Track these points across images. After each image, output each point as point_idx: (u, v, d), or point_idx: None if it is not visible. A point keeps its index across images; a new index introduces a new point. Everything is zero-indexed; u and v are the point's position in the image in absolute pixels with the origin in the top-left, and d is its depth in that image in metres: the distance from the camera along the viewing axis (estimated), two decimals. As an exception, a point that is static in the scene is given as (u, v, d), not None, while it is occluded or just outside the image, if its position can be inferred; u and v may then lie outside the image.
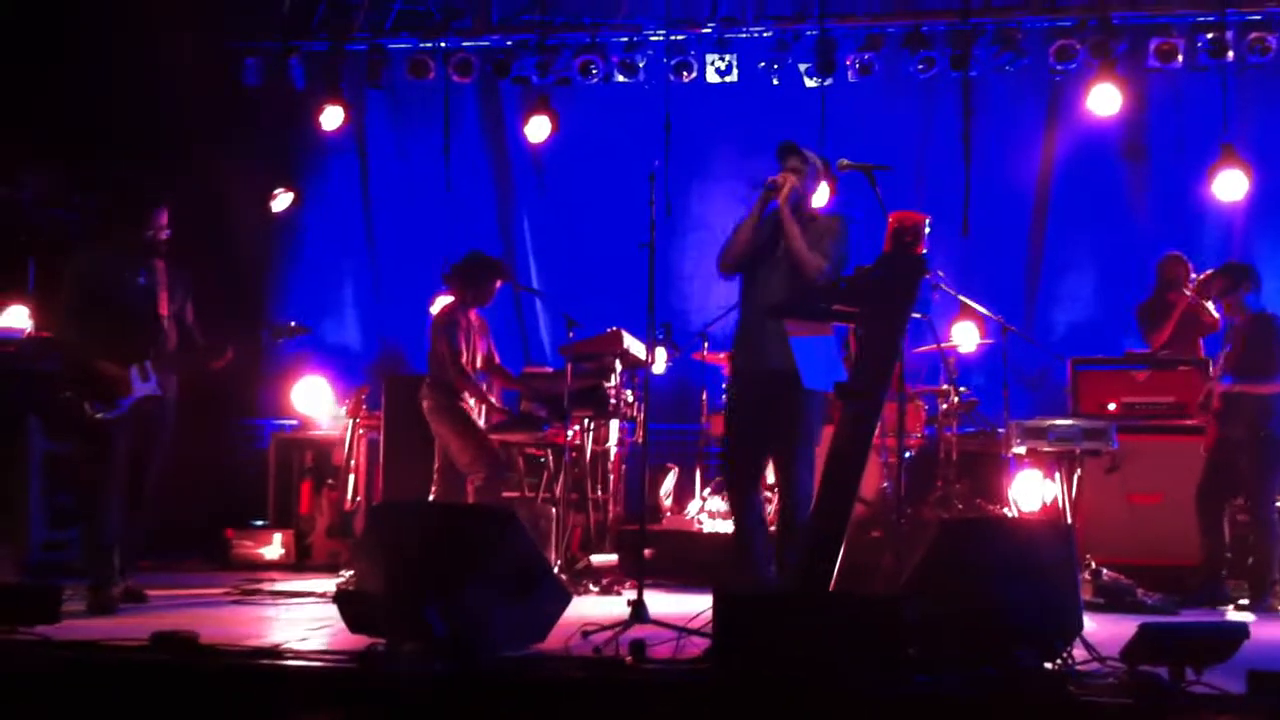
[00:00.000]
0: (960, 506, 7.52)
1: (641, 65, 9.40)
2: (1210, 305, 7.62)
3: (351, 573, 5.93)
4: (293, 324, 6.64)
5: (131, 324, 5.94)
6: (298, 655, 4.49)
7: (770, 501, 6.64)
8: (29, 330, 7.05)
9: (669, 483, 8.50)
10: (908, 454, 7.49)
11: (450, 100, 9.83)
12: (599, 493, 7.94)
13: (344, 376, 9.32)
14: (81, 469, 5.98)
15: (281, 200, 9.31)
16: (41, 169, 7.41)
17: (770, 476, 5.86)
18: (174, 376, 6.06)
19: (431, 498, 6.92)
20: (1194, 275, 7.84)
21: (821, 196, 5.78)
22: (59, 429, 6.74)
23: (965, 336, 7.98)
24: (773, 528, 5.60)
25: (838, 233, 5.49)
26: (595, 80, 9.44)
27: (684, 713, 3.94)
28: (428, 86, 9.75)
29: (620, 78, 9.46)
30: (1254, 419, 6.75)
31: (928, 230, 5.30)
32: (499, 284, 7.15)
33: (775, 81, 9.38)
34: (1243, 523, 6.90)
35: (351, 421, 8.13)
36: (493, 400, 7.22)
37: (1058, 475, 6.89)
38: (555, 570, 4.93)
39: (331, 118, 9.49)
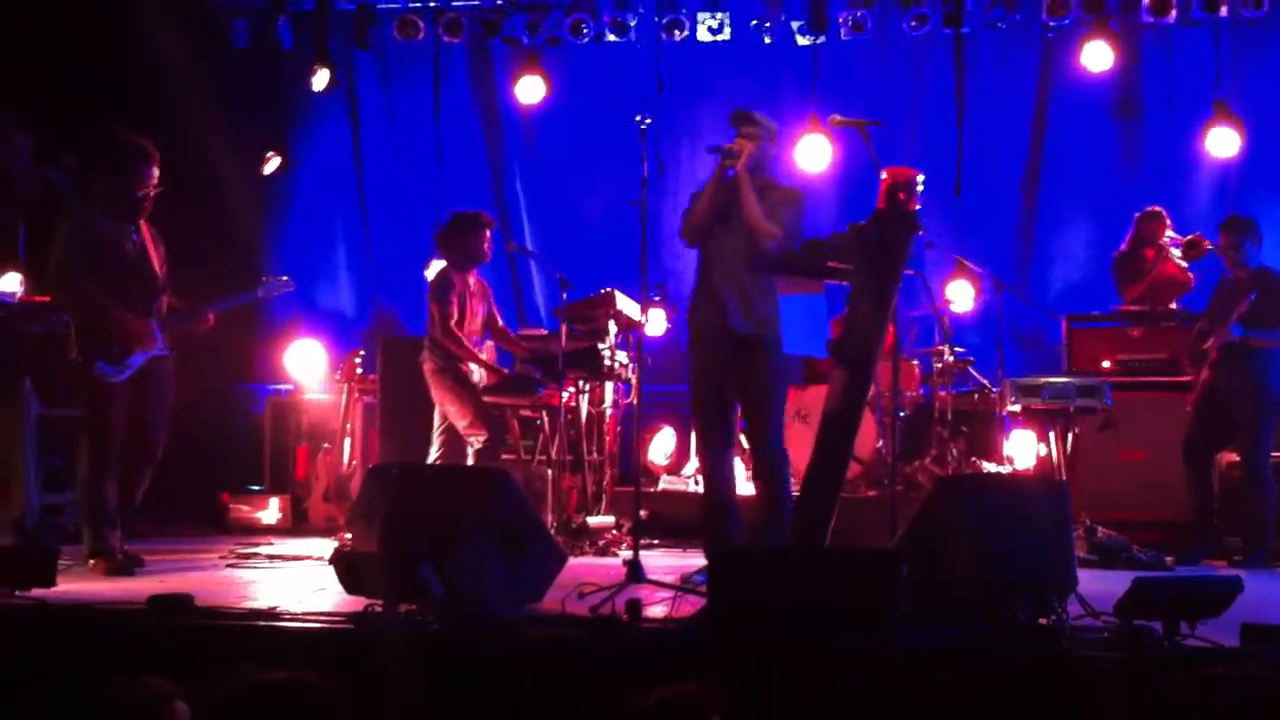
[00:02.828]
0: (955, 465, 7.54)
1: (633, 24, 9.34)
2: (1185, 263, 7.67)
3: (348, 536, 5.94)
4: (281, 278, 6.64)
5: (135, 281, 5.95)
6: (294, 617, 4.50)
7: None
8: (20, 294, 7.01)
9: (665, 443, 8.50)
10: (902, 413, 7.50)
11: (440, 61, 9.77)
12: (594, 454, 7.95)
13: (338, 340, 9.30)
14: (82, 432, 5.95)
15: (270, 164, 9.24)
16: (31, 131, 7.36)
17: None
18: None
19: (431, 460, 6.91)
20: (1170, 232, 7.84)
21: (782, 160, 5.81)
22: (55, 392, 6.72)
23: (960, 295, 7.96)
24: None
25: (794, 204, 5.52)
26: (586, 40, 9.38)
27: (680, 670, 3.96)
28: (418, 47, 9.68)
29: (611, 37, 9.40)
30: (1256, 371, 6.79)
31: (921, 186, 5.29)
32: (487, 236, 7.09)
33: (767, 40, 9.33)
34: (1235, 477, 6.93)
35: (346, 385, 8.12)
36: (487, 362, 7.21)
37: (1052, 433, 6.91)
38: (551, 531, 4.93)
39: (320, 79, 9.41)
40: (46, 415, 6.88)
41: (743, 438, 6.14)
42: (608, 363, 7.16)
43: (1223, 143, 8.38)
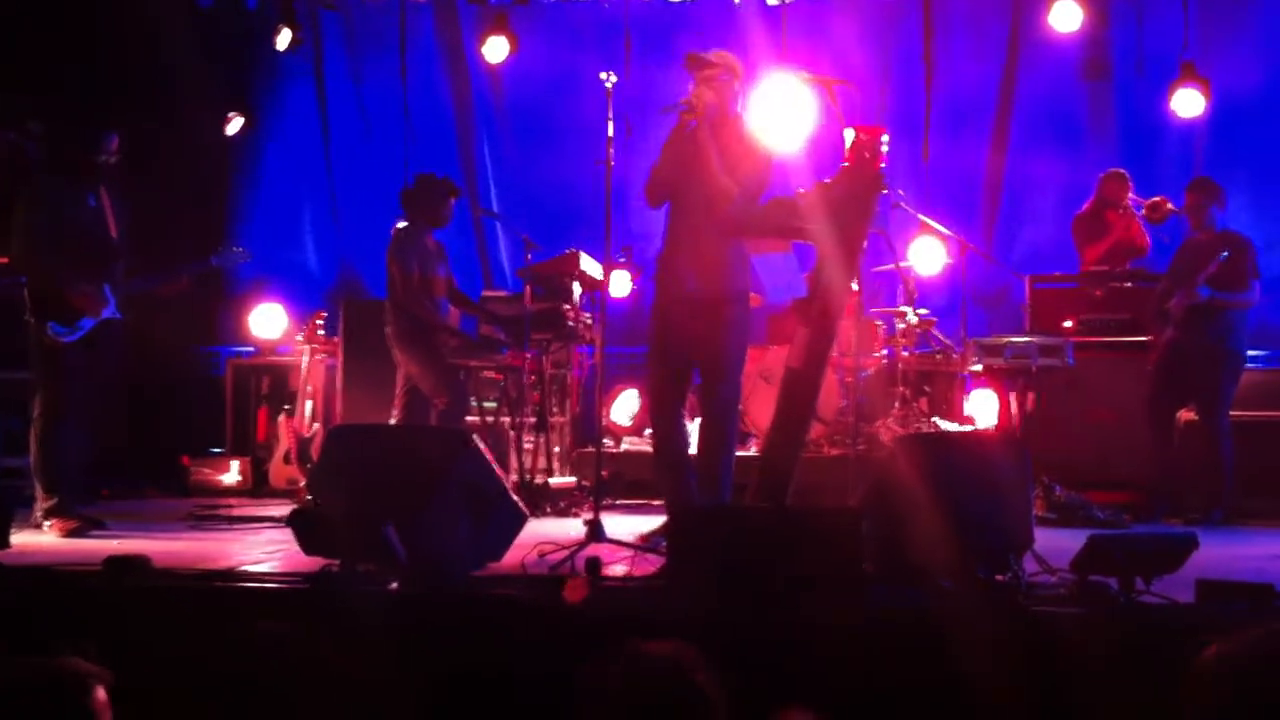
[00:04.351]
0: (918, 425, 7.56)
1: (600, -18, 9.26)
2: (1150, 224, 7.70)
3: (310, 498, 5.91)
4: (238, 249, 6.63)
5: (89, 247, 5.97)
6: (251, 578, 4.47)
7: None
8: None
9: (629, 404, 8.48)
10: (865, 373, 7.50)
11: (407, 20, 9.65)
12: (557, 415, 7.92)
13: (303, 302, 9.21)
14: (37, 395, 5.92)
15: (234, 124, 9.14)
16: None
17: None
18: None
19: (393, 422, 6.87)
20: (1133, 195, 7.85)
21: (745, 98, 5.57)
22: (10, 354, 6.67)
23: (926, 258, 7.91)
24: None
25: (759, 155, 5.32)
26: (554, -2, 9.29)
27: (637, 629, 3.95)
28: (384, 6, 9.57)
29: (579, -5, 9.32)
30: (1221, 332, 6.85)
31: (886, 145, 5.26)
32: (452, 202, 7.05)
33: (737, 0, 9.26)
34: (1194, 435, 6.98)
35: (308, 347, 8.06)
36: (449, 324, 7.16)
37: (1013, 393, 6.93)
38: (512, 492, 4.91)
39: (283, 39, 9.29)
40: (4, 378, 6.82)
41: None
42: (571, 324, 7.12)
43: (1189, 103, 8.38)
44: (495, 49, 9.30)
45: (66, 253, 5.87)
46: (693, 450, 5.51)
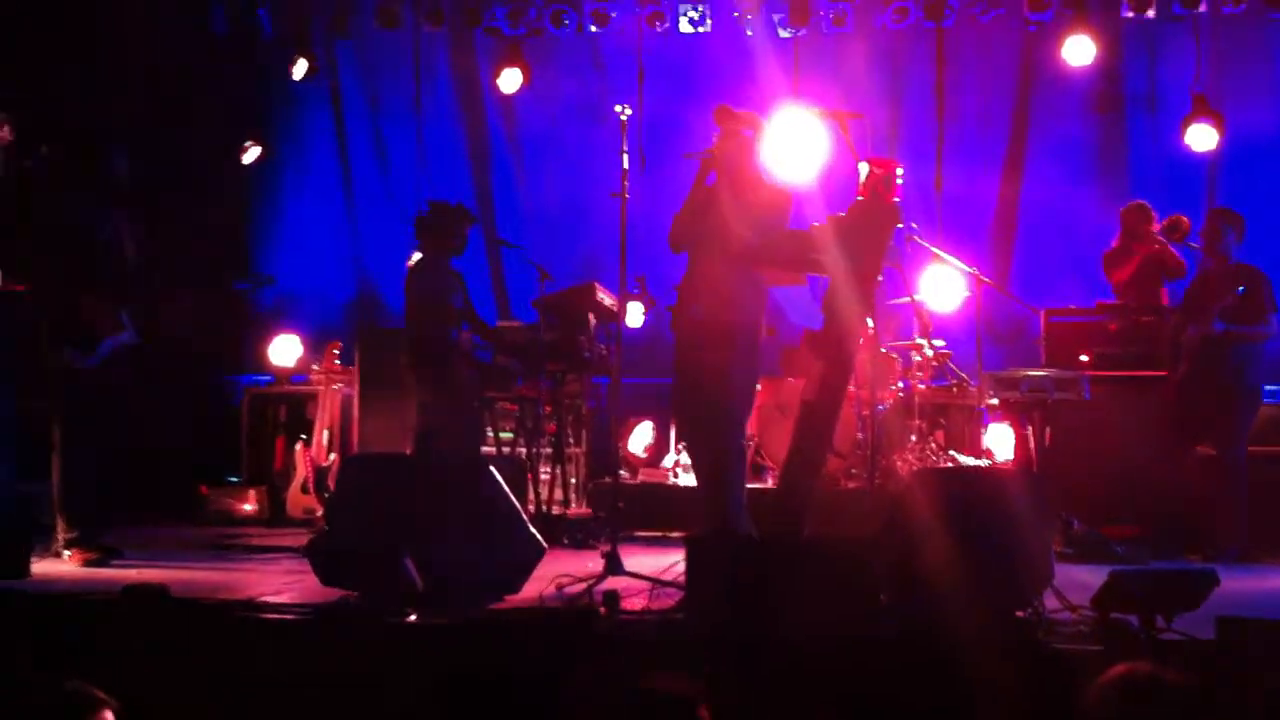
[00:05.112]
0: (933, 458, 7.55)
1: (613, 15, 9.32)
2: (1173, 248, 7.65)
3: (326, 528, 5.92)
4: (260, 275, 6.63)
5: (106, 270, 5.96)
6: (270, 608, 4.48)
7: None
8: (-5, 283, 6.98)
9: (645, 436, 8.49)
10: (881, 406, 7.50)
11: (421, 50, 9.73)
12: (573, 446, 7.93)
13: (321, 329, 9.25)
14: (55, 421, 5.92)
15: (250, 153, 9.20)
16: (6, 118, 7.32)
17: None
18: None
19: (409, 452, 6.88)
20: (1157, 224, 7.84)
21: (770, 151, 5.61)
22: (27, 380, 6.69)
23: (942, 294, 7.86)
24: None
25: (779, 205, 5.35)
26: (567, 30, 9.35)
27: (658, 662, 3.95)
28: (399, 36, 9.64)
29: (592, 28, 9.38)
30: (1237, 366, 6.81)
31: (900, 179, 5.28)
32: (468, 230, 7.07)
33: (749, 32, 9.31)
34: (1211, 470, 6.94)
35: (325, 376, 8.09)
36: (466, 353, 7.18)
37: (1029, 426, 6.91)
38: (529, 523, 4.91)
39: (299, 68, 9.38)
40: (18, 403, 6.85)
41: None
42: (586, 354, 7.14)
43: (1202, 137, 8.39)
44: (509, 80, 9.37)
45: (83, 276, 5.86)
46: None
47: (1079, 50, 8.64)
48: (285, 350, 8.77)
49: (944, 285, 7.78)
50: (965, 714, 3.53)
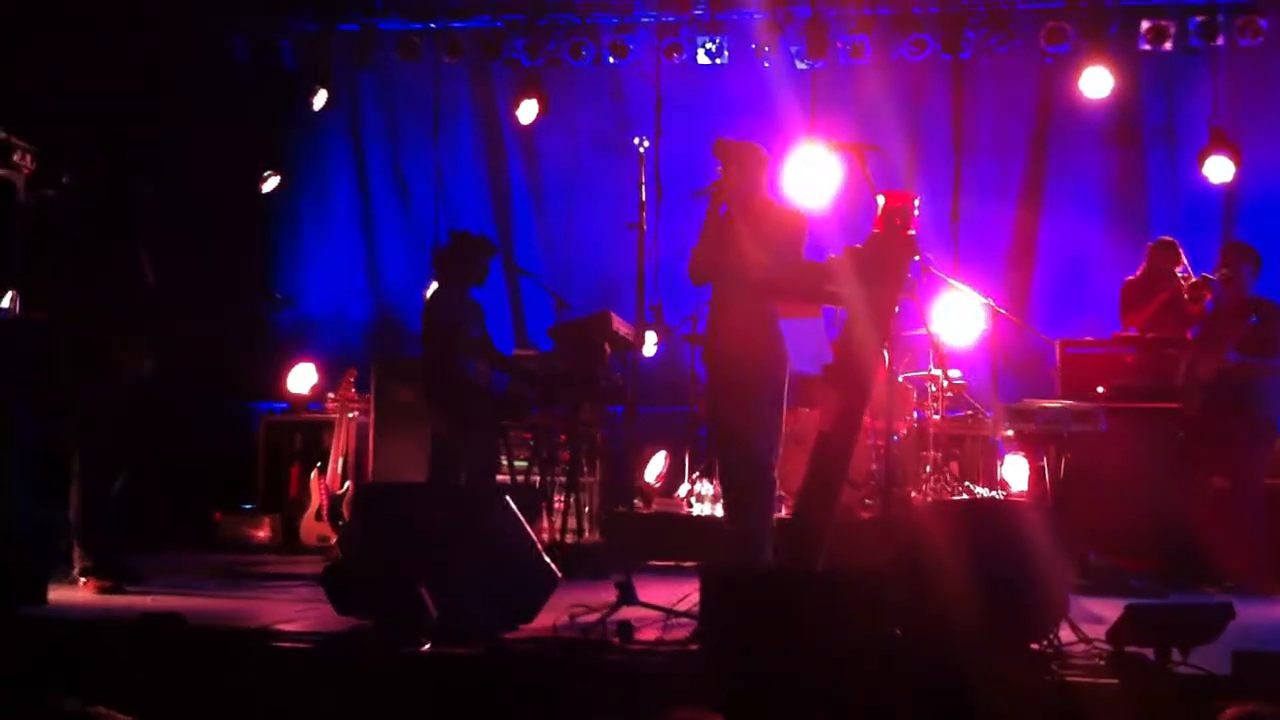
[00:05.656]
0: (948, 489, 7.53)
1: (631, 47, 9.38)
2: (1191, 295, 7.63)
3: (340, 556, 5.93)
4: (279, 296, 6.65)
5: (129, 298, 5.99)
6: (285, 637, 4.48)
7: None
8: (16, 312, 7.02)
9: (659, 465, 8.49)
10: (896, 436, 7.49)
11: (441, 81, 9.81)
12: (588, 475, 7.93)
13: (337, 357, 9.29)
14: (76, 448, 5.95)
15: (270, 183, 9.27)
16: (29, 148, 7.39)
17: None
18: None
19: (424, 480, 6.91)
20: (1185, 265, 7.81)
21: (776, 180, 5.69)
22: (48, 409, 6.73)
23: (959, 329, 7.85)
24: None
25: (794, 228, 5.41)
26: (586, 62, 9.42)
27: (671, 693, 3.94)
28: (419, 68, 9.73)
29: (611, 59, 9.44)
30: (1250, 398, 6.79)
31: (917, 211, 5.30)
32: (489, 261, 7.11)
33: (766, 64, 9.36)
34: (1227, 503, 6.90)
35: (341, 404, 8.12)
36: (482, 383, 7.21)
37: (1045, 458, 6.89)
38: (543, 552, 4.92)
39: (319, 99, 9.47)
40: (39, 432, 6.88)
41: None
42: (602, 384, 7.15)
43: (1219, 169, 8.39)
44: (527, 110, 9.44)
45: (108, 303, 5.90)
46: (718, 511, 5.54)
47: (1096, 82, 8.66)
48: (302, 378, 8.80)
49: (960, 318, 7.78)
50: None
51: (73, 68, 8.44)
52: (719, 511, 5.74)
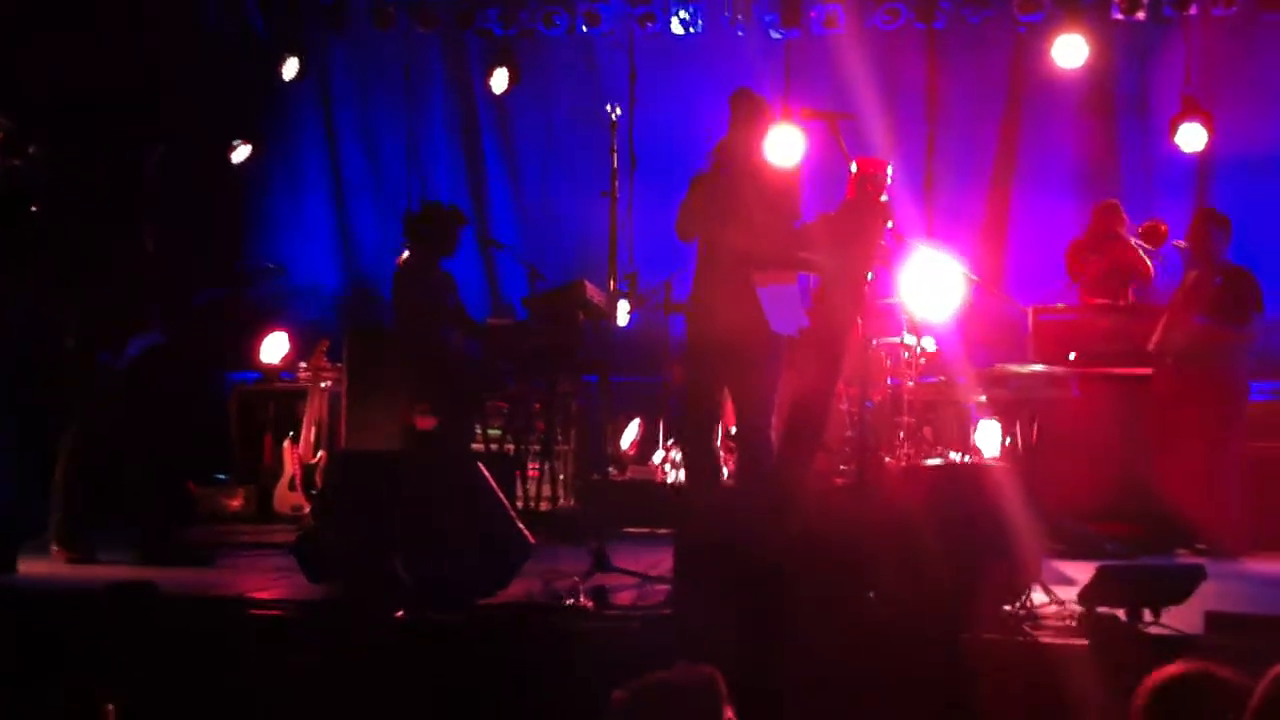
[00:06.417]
0: (923, 455, 7.55)
1: (604, 16, 9.32)
2: (1147, 248, 7.69)
3: (313, 525, 5.91)
4: (269, 265, 6.59)
5: (129, 270, 5.94)
6: (258, 605, 4.47)
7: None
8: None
9: (633, 433, 8.49)
10: (870, 403, 7.49)
11: (414, 51, 9.73)
12: (563, 443, 7.92)
13: (310, 327, 9.23)
14: (73, 420, 5.85)
15: (240, 151, 9.18)
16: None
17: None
18: None
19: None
20: (1129, 226, 7.86)
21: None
22: (48, 382, 6.66)
23: (935, 302, 7.84)
24: None
25: (793, 188, 5.41)
26: (559, 31, 9.36)
27: (643, 657, 3.95)
28: (391, 36, 9.64)
29: (584, 28, 9.38)
30: (1222, 363, 6.83)
31: (890, 177, 5.31)
32: (460, 231, 7.07)
33: (740, 33, 9.32)
34: (1200, 466, 6.96)
35: (313, 373, 8.07)
36: (456, 351, 7.18)
37: (1018, 423, 6.92)
38: (518, 520, 4.91)
39: (289, 68, 9.38)
40: (32, 406, 6.80)
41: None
42: (576, 352, 7.13)
43: (1191, 137, 8.40)
44: (500, 80, 9.38)
45: (106, 276, 5.84)
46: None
47: (1070, 51, 8.63)
48: (274, 347, 8.74)
49: (934, 285, 7.76)
50: (956, 705, 3.54)
51: (41, 37, 8.34)
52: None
